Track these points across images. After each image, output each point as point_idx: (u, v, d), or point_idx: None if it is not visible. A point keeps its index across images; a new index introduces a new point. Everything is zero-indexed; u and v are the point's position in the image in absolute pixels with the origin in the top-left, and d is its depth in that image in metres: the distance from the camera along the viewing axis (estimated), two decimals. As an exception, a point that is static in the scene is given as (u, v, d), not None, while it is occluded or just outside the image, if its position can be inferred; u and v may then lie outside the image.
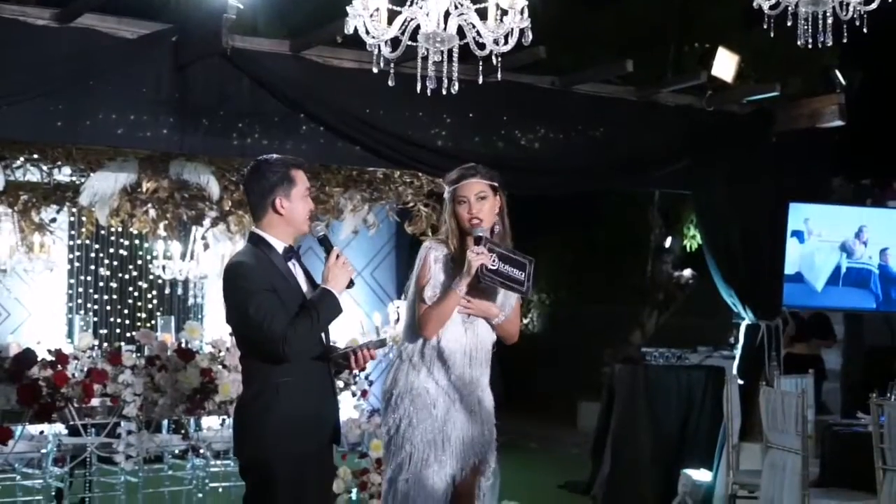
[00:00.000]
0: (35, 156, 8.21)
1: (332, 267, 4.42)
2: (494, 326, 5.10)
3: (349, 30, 4.33)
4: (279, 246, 4.50)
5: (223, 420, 7.98)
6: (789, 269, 8.58)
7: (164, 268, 11.06)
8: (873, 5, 4.34)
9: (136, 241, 12.44)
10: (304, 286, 4.52)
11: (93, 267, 12.42)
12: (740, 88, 8.90)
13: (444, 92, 4.36)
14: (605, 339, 15.36)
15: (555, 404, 14.87)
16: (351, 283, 4.45)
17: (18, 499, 7.78)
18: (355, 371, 5.37)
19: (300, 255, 4.58)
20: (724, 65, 8.31)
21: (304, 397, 4.39)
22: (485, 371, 5.09)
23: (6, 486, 7.95)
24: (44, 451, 7.89)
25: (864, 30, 4.39)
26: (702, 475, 8.68)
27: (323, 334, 4.54)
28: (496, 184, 5.11)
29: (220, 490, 8.54)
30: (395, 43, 4.30)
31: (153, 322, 12.07)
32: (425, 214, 9.37)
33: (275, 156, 4.71)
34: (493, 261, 4.87)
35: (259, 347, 4.38)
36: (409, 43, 4.30)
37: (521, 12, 4.21)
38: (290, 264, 4.50)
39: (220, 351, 7.57)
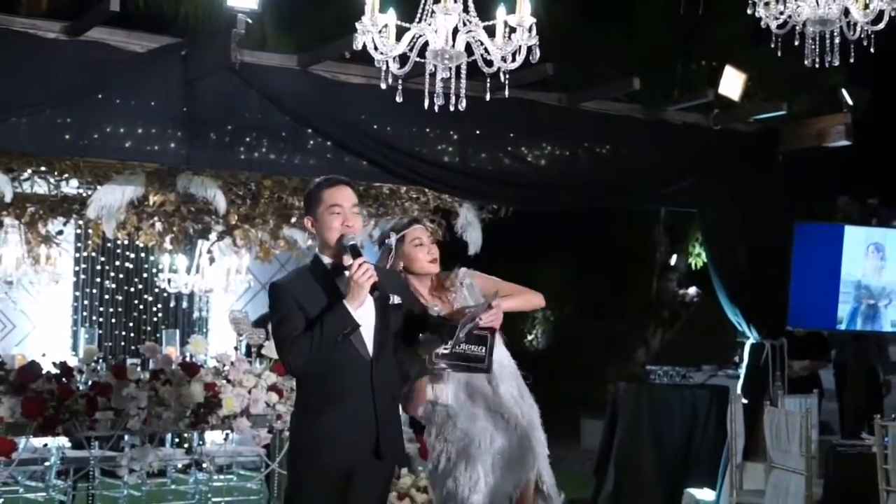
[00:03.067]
0: (42, 168, 8.23)
1: (352, 277, 4.42)
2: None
3: (358, 46, 4.35)
4: (328, 263, 4.56)
5: (227, 434, 7.98)
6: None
7: (169, 281, 11.05)
8: (881, 25, 4.36)
9: (142, 255, 12.44)
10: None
11: (98, 279, 12.41)
12: (747, 107, 8.90)
13: (452, 108, 4.38)
14: (609, 356, 15.36)
15: (558, 421, 14.79)
16: (374, 290, 4.43)
17: (21, 511, 7.79)
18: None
19: (353, 252, 4.50)
20: (731, 83, 8.32)
21: (333, 412, 4.42)
22: (510, 385, 5.12)
23: (9, 499, 7.95)
24: (47, 463, 7.90)
25: (871, 49, 4.41)
26: (705, 494, 8.65)
27: (370, 345, 4.48)
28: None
29: (223, 504, 8.53)
30: (403, 59, 4.32)
31: (158, 335, 12.06)
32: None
33: (318, 179, 4.72)
34: (446, 345, 4.79)
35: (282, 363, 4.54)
36: (418, 59, 4.32)
37: (529, 30, 4.22)
38: (339, 281, 4.52)
39: (224, 365, 7.57)
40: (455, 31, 4.25)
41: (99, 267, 12.41)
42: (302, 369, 4.44)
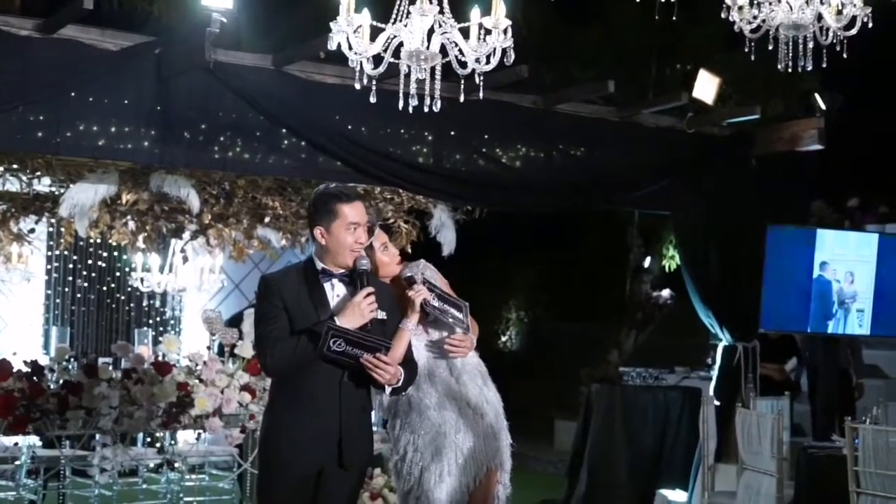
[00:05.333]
0: (15, 166, 8.18)
1: (354, 304, 4.45)
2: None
3: (332, 46, 4.34)
4: (321, 268, 4.58)
5: (199, 434, 7.96)
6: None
7: (142, 280, 11.01)
8: (853, 31, 4.38)
9: (115, 253, 12.39)
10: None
11: (71, 278, 12.36)
12: (721, 111, 8.94)
13: (426, 109, 4.37)
14: (583, 357, 15.35)
15: (531, 423, 14.82)
16: (365, 326, 4.46)
17: (-9, 511, 7.74)
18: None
19: (363, 279, 4.56)
20: (705, 87, 8.35)
21: (299, 416, 4.46)
22: (475, 383, 5.13)
23: (-21, 498, 7.91)
24: (17, 462, 7.86)
25: (844, 54, 4.43)
26: (677, 496, 8.69)
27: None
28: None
29: (195, 504, 8.51)
30: (377, 60, 4.31)
31: (131, 335, 12.02)
32: (405, 231, 9.38)
33: (332, 185, 4.75)
34: (434, 298, 4.98)
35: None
36: (392, 60, 4.31)
37: (504, 32, 4.23)
38: (327, 286, 4.56)
39: (197, 365, 7.55)
40: (430, 33, 4.25)
41: (71, 265, 12.36)
42: (277, 372, 4.49)
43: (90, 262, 12.46)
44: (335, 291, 4.57)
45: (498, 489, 5.17)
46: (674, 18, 7.63)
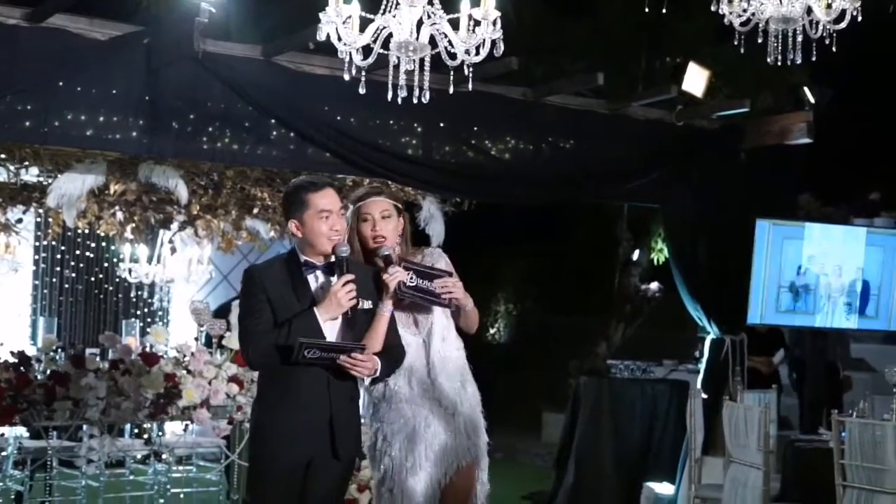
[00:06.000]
0: (2, 155, 8.14)
1: (332, 293, 4.44)
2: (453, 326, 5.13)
3: (321, 36, 4.32)
4: (301, 257, 4.58)
5: (186, 425, 7.94)
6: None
7: (130, 271, 10.98)
8: (842, 24, 4.39)
9: (103, 244, 12.36)
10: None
11: (58, 269, 12.33)
12: (710, 104, 8.94)
13: (416, 101, 4.36)
14: (571, 350, 15.38)
15: (519, 415, 14.86)
16: (347, 313, 4.46)
17: (-23, 501, 7.72)
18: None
19: (342, 266, 4.51)
20: (695, 80, 8.35)
21: (288, 409, 4.46)
22: (452, 383, 5.09)
23: (-35, 489, 7.88)
24: (4, 453, 7.83)
25: (834, 48, 4.44)
26: (664, 488, 8.71)
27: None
28: (400, 205, 5.12)
29: (182, 496, 8.50)
30: (366, 51, 4.30)
31: (118, 325, 11.99)
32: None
33: (301, 178, 4.74)
34: (411, 277, 4.85)
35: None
36: (381, 51, 4.30)
37: (494, 23, 4.22)
38: (311, 278, 4.56)
39: (184, 356, 7.53)
40: (419, 24, 4.24)
41: (59, 256, 12.33)
42: (261, 366, 4.50)
43: (78, 252, 12.44)
44: (318, 283, 4.57)
45: (476, 487, 5.14)
46: (663, 11, 7.65)
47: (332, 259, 4.55)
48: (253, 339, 4.45)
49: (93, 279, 12.58)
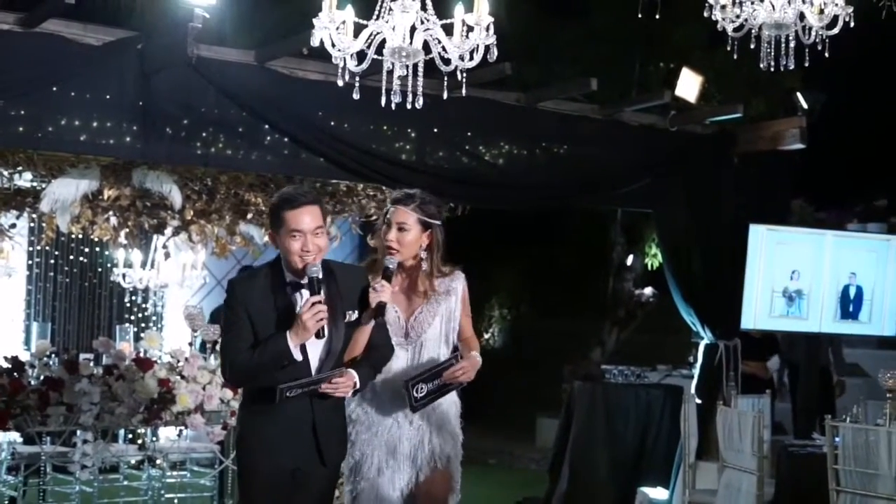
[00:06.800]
0: (-4, 160, 8.15)
1: (298, 315, 4.35)
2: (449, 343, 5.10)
3: (315, 42, 4.33)
4: (286, 274, 4.49)
5: (180, 431, 7.94)
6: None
7: (124, 276, 10.97)
8: (835, 30, 4.40)
9: (97, 249, 12.34)
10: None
11: (52, 274, 12.31)
12: (703, 109, 8.97)
13: (409, 106, 4.37)
14: (565, 355, 15.39)
15: (513, 420, 14.87)
16: (319, 335, 4.38)
17: (-30, 507, 7.71)
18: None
19: (312, 287, 4.40)
20: (688, 85, 8.38)
21: (271, 418, 4.44)
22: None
23: (-41, 494, 7.87)
24: (-2, 459, 7.83)
25: (826, 54, 4.45)
26: (658, 493, 8.70)
27: (314, 359, 4.45)
28: (427, 219, 4.95)
29: (176, 501, 8.48)
30: (360, 56, 4.31)
31: (112, 331, 11.97)
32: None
33: (285, 191, 4.57)
34: (419, 388, 4.78)
35: None
36: (375, 56, 4.31)
37: (487, 29, 4.22)
38: (297, 297, 4.46)
39: (178, 361, 7.53)
40: (413, 29, 4.24)
41: (53, 261, 12.31)
42: (236, 384, 4.48)
43: (71, 257, 12.42)
44: (302, 301, 4.46)
45: (450, 498, 5.10)
46: (657, 17, 7.66)
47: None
48: (229, 358, 4.43)
49: (86, 284, 12.55)
